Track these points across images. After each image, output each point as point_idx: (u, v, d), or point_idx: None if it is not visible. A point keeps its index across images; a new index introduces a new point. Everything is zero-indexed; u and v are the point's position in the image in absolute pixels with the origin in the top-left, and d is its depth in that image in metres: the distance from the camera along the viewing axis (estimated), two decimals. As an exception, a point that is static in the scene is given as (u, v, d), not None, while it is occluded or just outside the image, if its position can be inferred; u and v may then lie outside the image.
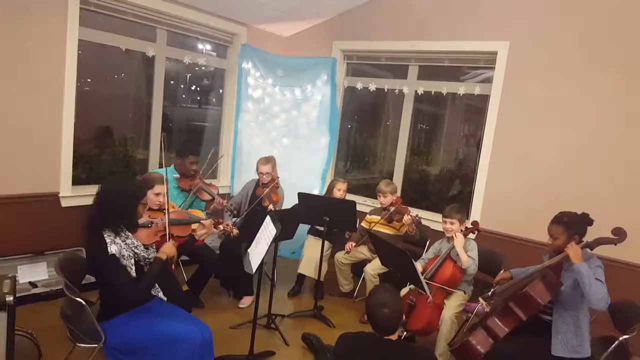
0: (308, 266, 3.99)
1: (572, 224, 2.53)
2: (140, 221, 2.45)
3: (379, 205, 4.03)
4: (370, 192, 5.05)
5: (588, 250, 2.46)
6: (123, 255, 2.23)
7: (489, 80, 4.27)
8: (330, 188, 4.21)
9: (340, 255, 3.97)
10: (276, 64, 5.12)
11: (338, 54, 5.12)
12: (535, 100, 3.93)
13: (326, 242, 3.84)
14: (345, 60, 5.20)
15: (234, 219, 4.01)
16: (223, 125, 5.18)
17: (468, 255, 3.06)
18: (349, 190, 4.42)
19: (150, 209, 2.78)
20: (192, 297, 3.50)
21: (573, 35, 3.74)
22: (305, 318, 3.67)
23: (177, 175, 3.71)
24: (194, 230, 2.74)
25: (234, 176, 5.05)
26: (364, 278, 3.85)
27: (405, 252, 2.71)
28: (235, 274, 3.76)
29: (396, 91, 4.80)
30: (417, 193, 5.17)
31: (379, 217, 3.88)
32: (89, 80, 4.07)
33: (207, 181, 3.83)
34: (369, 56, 5.03)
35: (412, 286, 3.15)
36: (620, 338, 2.46)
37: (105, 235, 2.20)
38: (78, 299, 2.17)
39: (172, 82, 4.71)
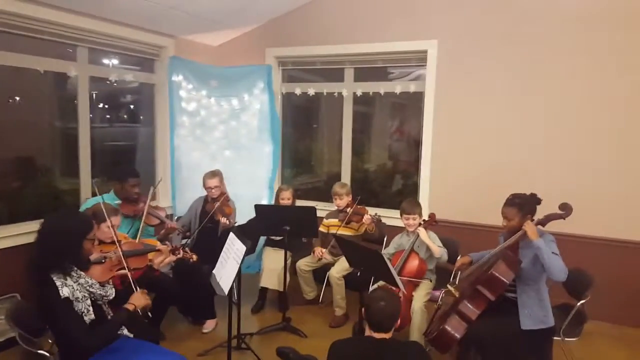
0: (270, 278, 3.91)
1: (524, 205, 2.71)
2: (92, 257, 2.25)
3: (333, 209, 4.05)
4: (319, 195, 5.09)
5: (540, 227, 2.65)
6: (77, 298, 2.03)
7: (418, 78, 4.46)
8: (277, 197, 4.18)
9: (302, 263, 3.94)
10: (209, 74, 4.96)
11: (272, 61, 5.08)
12: (467, 92, 4.17)
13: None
14: (280, 67, 5.17)
15: (184, 241, 3.83)
16: (157, 142, 4.93)
17: (437, 246, 3.18)
18: (299, 196, 4.39)
19: (101, 242, 2.57)
20: (155, 329, 3.28)
21: (496, 31, 4.03)
22: (274, 332, 3.59)
23: (119, 202, 3.46)
24: (150, 260, 2.57)
25: (174, 196, 4.81)
26: (328, 282, 3.85)
27: (377, 251, 2.75)
28: (194, 298, 3.60)
29: (335, 94, 4.86)
30: (363, 192, 5.27)
31: (337, 220, 3.90)
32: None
33: (152, 204, 3.61)
34: (304, 61, 5.04)
35: (379, 284, 3.21)
36: (578, 304, 2.68)
37: (54, 278, 1.99)
38: (40, 352, 1.94)
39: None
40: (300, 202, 4.54)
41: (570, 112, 3.86)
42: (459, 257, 3.12)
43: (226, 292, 2.55)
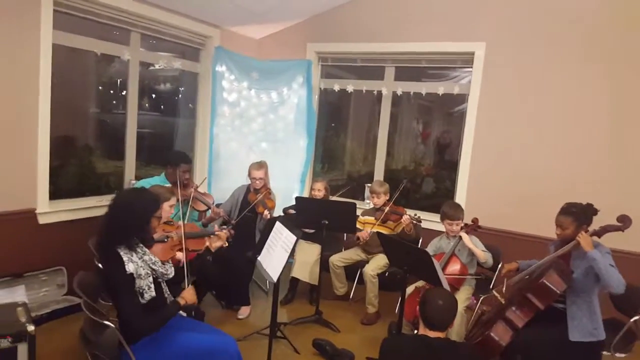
0: (302, 270, 3.92)
1: (580, 214, 2.65)
2: (155, 236, 2.30)
3: (369, 207, 4.05)
4: (347, 193, 5.06)
5: (596, 238, 2.60)
6: (140, 275, 2.08)
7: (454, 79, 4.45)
8: (311, 188, 4.19)
9: (335, 258, 3.94)
10: (251, 66, 5.01)
11: (313, 56, 5.10)
12: (513, 97, 4.13)
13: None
14: (320, 62, 5.19)
15: (223, 227, 3.87)
16: (197, 130, 4.97)
17: (481, 250, 3.16)
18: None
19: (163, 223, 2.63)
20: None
21: (545, 34, 3.97)
22: (307, 324, 3.61)
23: (169, 185, 3.52)
24: (207, 243, 2.62)
25: (210, 183, 4.87)
26: (359, 280, 3.85)
27: (426, 251, 2.74)
28: (231, 284, 3.64)
29: (375, 92, 4.86)
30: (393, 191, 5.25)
31: (372, 218, 3.90)
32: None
33: (201, 190, 3.66)
34: (345, 58, 5.04)
35: (418, 284, 3.20)
36: (631, 320, 2.63)
37: (121, 253, 2.04)
38: (106, 322, 1.99)
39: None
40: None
41: (632, 116, 3.72)
42: (501, 264, 3.10)
43: (275, 279, 2.57)
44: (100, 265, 2.12)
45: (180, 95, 5.01)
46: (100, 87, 4.32)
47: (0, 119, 3.11)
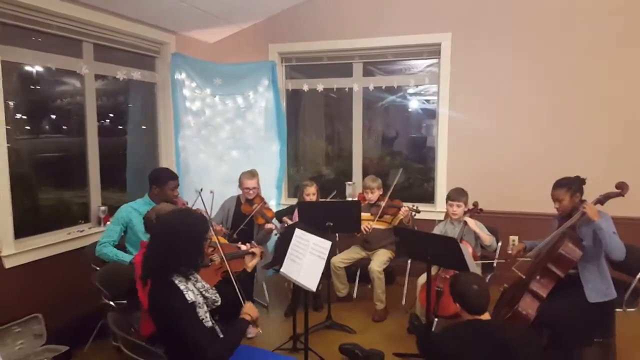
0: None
1: (571, 185, 2.83)
2: None
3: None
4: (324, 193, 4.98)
5: (599, 205, 2.77)
6: (199, 304, 1.87)
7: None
8: (300, 194, 4.07)
9: (336, 260, 3.86)
10: (212, 72, 4.75)
11: (275, 57, 4.96)
12: (480, 83, 4.30)
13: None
14: (283, 63, 5.06)
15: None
16: (160, 144, 4.64)
17: (485, 234, 3.23)
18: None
19: None
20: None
21: (510, 21, 4.18)
22: (321, 330, 3.50)
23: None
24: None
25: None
26: (361, 278, 3.79)
27: (454, 239, 2.76)
28: (235, 303, 3.42)
29: (346, 89, 4.84)
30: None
31: (369, 214, 3.87)
32: None
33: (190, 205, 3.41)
34: (309, 57, 4.96)
35: (436, 272, 3.23)
36: (638, 276, 2.83)
37: (176, 282, 1.83)
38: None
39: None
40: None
41: (592, 101, 4.04)
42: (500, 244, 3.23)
43: (314, 288, 2.45)
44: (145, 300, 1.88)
45: (129, 110, 4.54)
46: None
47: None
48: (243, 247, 2.81)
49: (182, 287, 1.87)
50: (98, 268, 3.04)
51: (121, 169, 4.40)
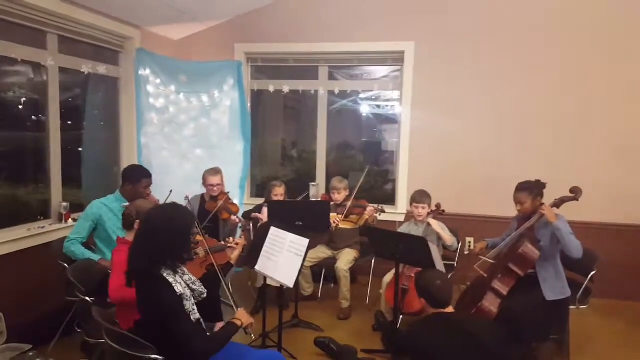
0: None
1: (533, 188, 3.06)
2: None
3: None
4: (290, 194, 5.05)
5: (555, 209, 3.02)
6: (186, 296, 1.90)
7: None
8: (267, 194, 4.11)
9: (303, 259, 3.93)
10: (177, 69, 4.68)
11: (241, 57, 4.96)
12: (441, 90, 4.53)
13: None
14: (249, 64, 5.07)
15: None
16: (122, 141, 4.51)
17: (447, 234, 3.42)
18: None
19: None
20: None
21: (470, 31, 4.43)
22: (288, 329, 3.55)
23: (126, 204, 3.16)
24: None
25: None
26: (326, 277, 3.89)
27: (423, 238, 2.91)
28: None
29: (312, 92, 4.92)
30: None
31: (336, 214, 3.97)
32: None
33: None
34: (275, 58, 5.00)
35: (401, 271, 3.37)
36: (590, 275, 3.10)
37: (164, 275, 1.86)
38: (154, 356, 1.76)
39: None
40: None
41: (547, 107, 4.34)
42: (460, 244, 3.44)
43: (292, 285, 2.51)
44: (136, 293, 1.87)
45: (86, 104, 4.31)
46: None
47: None
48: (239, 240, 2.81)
49: (170, 280, 1.89)
50: (67, 265, 2.94)
51: (75, 165, 4.22)
